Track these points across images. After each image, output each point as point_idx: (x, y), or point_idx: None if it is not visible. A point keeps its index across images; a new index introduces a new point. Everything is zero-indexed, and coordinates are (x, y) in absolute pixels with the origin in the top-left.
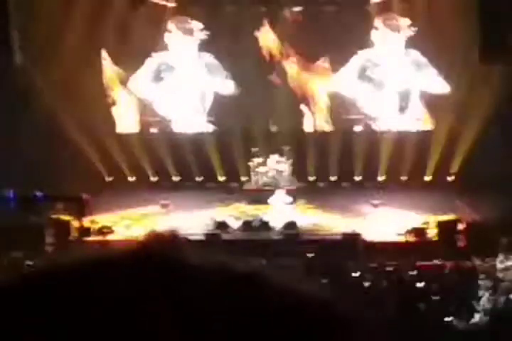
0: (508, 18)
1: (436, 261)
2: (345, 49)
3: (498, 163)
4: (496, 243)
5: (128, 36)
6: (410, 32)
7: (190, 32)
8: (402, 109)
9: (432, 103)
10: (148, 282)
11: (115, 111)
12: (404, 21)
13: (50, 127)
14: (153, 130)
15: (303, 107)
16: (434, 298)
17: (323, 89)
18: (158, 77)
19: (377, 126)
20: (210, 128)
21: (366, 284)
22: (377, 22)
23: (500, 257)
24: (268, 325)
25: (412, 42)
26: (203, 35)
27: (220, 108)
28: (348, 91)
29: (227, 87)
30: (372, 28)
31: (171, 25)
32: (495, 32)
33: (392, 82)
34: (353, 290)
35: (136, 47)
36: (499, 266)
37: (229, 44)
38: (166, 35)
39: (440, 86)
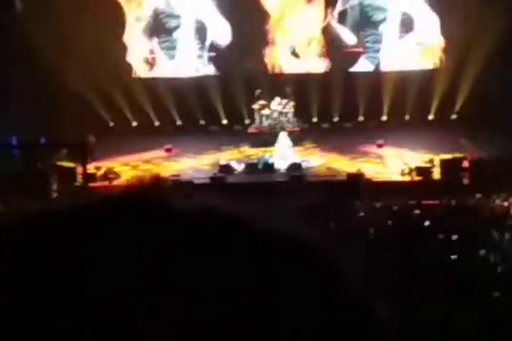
0: None
1: (440, 200)
2: None
3: (502, 102)
4: (500, 179)
5: None
6: None
7: None
8: (401, 46)
9: (432, 43)
10: (125, 228)
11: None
12: None
13: (52, 75)
14: (154, 75)
15: (299, 49)
16: (439, 236)
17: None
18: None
19: (379, 60)
20: (211, 70)
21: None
22: None
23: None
24: (252, 271)
25: None
26: None
27: (220, 49)
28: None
29: (225, 32)
30: None
31: None
32: None
33: (390, 17)
34: (358, 230)
35: None
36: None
37: None
38: None
39: (434, 24)
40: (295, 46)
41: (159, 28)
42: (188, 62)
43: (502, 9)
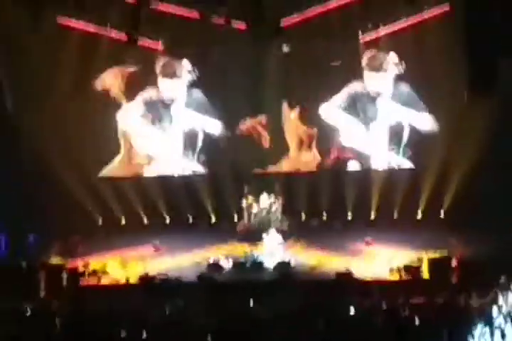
0: (496, 53)
1: (429, 299)
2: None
3: (488, 200)
4: (489, 279)
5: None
6: (397, 70)
7: (177, 75)
8: (392, 145)
9: (421, 141)
10: None
11: (106, 155)
12: (391, 59)
13: (42, 171)
14: (144, 173)
15: (292, 146)
16: (429, 335)
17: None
18: (147, 114)
19: (369, 164)
20: (200, 169)
21: (362, 322)
22: (363, 62)
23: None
24: None
25: (400, 79)
26: (192, 76)
27: (210, 149)
28: (336, 122)
29: (215, 126)
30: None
31: (158, 68)
32: (483, 71)
33: (381, 117)
34: (349, 328)
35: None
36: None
37: (218, 83)
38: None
39: (428, 123)
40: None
41: (149, 118)
42: (176, 160)
43: (490, 105)
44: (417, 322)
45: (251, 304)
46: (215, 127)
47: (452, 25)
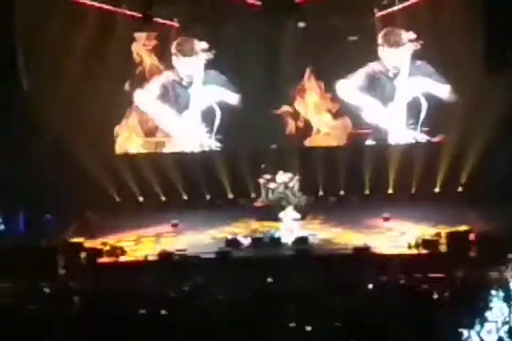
0: None
1: (447, 273)
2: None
3: (507, 173)
4: (507, 253)
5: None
6: (414, 46)
7: (194, 53)
8: (411, 120)
9: (440, 114)
10: None
11: (123, 131)
12: (408, 35)
13: (59, 150)
14: (163, 149)
15: (312, 122)
16: (447, 310)
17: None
18: (164, 95)
19: (387, 140)
20: (218, 146)
21: (380, 297)
22: (380, 38)
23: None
24: None
25: (417, 55)
26: (209, 54)
27: (227, 125)
28: (354, 100)
29: (234, 99)
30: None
31: (174, 47)
32: (500, 44)
33: (399, 94)
34: (367, 304)
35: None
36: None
37: (235, 61)
38: (173, 57)
39: (446, 93)
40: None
41: (167, 99)
42: (194, 137)
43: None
44: (435, 296)
45: (269, 280)
46: (234, 101)
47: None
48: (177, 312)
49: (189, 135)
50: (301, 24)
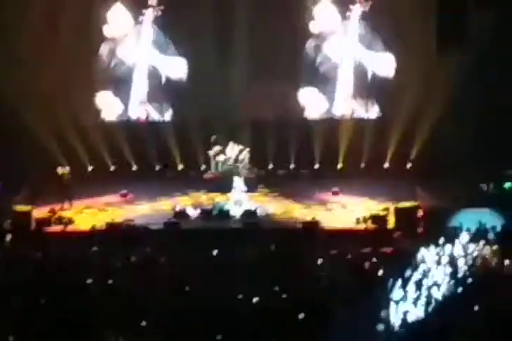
0: (465, 7)
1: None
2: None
3: (453, 150)
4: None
5: None
6: (362, 8)
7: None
8: (357, 93)
9: (388, 89)
10: None
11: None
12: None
13: (10, 115)
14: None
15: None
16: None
17: None
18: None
19: (333, 112)
20: (167, 115)
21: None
22: None
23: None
24: None
25: (365, 19)
26: (156, 11)
27: (175, 94)
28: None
29: (180, 67)
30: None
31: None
32: (452, 21)
33: (343, 62)
34: (314, 278)
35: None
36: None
37: (184, 22)
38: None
39: (389, 68)
40: None
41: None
42: (140, 105)
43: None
44: (380, 271)
45: (215, 252)
46: (178, 66)
47: None
48: (123, 282)
49: (135, 102)
50: None
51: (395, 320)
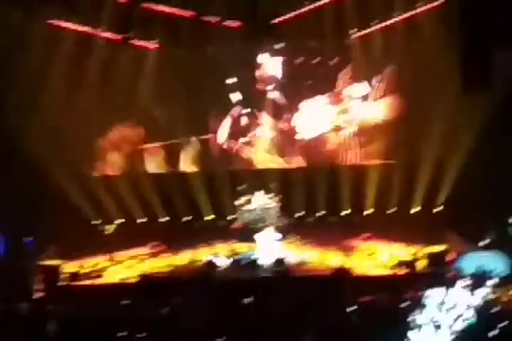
0: (488, 48)
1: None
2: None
3: (483, 191)
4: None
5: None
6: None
7: None
8: None
9: (414, 132)
10: None
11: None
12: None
13: (37, 173)
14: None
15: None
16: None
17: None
18: None
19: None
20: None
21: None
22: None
23: None
24: None
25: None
26: None
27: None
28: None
29: None
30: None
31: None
32: (476, 62)
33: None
34: (346, 326)
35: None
36: None
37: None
38: None
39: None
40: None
41: None
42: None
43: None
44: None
45: (248, 301)
46: None
47: (445, 19)
48: (155, 335)
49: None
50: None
51: None
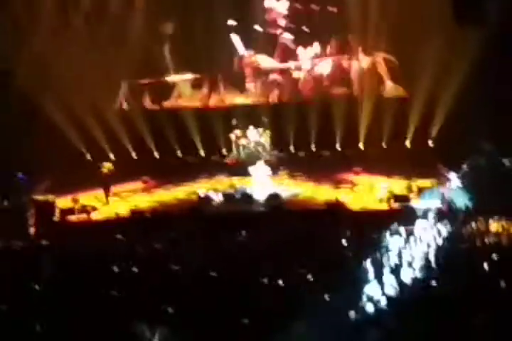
0: None
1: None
2: None
3: (475, 127)
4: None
5: None
6: None
7: None
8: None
9: (408, 69)
10: None
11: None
12: None
13: (29, 108)
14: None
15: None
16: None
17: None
18: None
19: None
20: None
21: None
22: None
23: None
24: None
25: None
26: None
27: None
28: None
29: None
30: None
31: None
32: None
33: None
34: (340, 259)
35: None
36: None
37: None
38: None
39: None
40: None
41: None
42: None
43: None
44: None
45: (242, 235)
46: None
47: None
48: (149, 270)
49: None
50: None
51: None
